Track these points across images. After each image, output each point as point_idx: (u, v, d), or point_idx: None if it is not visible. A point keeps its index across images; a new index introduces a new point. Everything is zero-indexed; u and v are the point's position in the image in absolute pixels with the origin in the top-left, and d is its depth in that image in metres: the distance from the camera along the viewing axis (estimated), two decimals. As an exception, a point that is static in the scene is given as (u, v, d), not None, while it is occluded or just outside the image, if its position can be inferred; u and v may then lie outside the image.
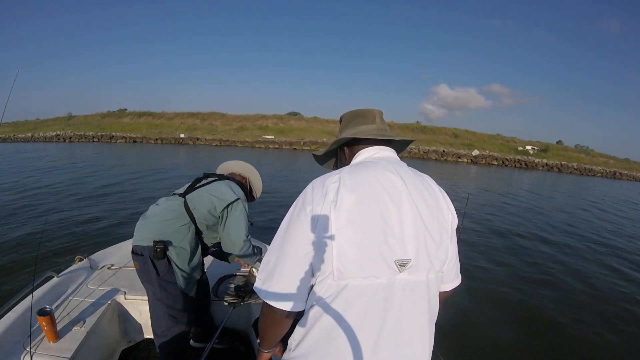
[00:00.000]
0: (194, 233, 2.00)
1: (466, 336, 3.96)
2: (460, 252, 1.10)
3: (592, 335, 4.20)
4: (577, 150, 61.20)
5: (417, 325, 0.96)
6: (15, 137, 49.89)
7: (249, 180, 2.37)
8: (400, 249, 0.91)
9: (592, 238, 8.97)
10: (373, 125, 1.19)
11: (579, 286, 5.61)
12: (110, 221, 7.39)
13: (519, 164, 46.12)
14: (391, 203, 0.93)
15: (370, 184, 0.96)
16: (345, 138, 1.17)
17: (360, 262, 0.89)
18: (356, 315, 0.91)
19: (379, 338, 0.91)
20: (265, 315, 1.03)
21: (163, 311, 1.97)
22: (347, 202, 0.91)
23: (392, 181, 0.98)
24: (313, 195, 0.95)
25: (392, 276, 0.91)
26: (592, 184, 31.46)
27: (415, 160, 39.28)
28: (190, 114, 62.51)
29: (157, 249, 1.86)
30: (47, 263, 4.84)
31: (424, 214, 0.96)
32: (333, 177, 0.98)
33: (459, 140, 55.33)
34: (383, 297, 0.91)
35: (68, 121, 60.97)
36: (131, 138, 49.08)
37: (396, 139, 1.20)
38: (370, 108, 1.24)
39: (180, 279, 1.97)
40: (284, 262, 0.95)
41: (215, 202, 1.97)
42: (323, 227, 0.90)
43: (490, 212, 11.12)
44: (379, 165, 1.03)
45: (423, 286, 0.96)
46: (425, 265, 0.95)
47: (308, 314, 0.97)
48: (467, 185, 19.72)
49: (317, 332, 0.94)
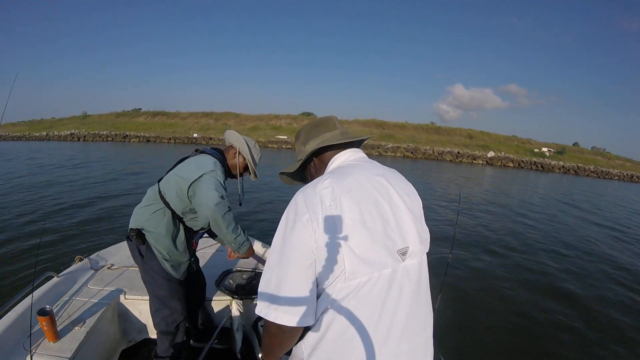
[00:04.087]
0: (170, 217, 1.99)
1: (467, 336, 3.95)
2: (460, 252, 1.12)
3: (593, 336, 4.17)
4: (593, 153, 60.11)
5: (424, 307, 1.03)
6: (30, 136, 51.22)
7: (238, 150, 2.14)
8: (400, 240, 0.97)
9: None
10: (336, 130, 1.22)
11: (582, 290, 5.51)
12: (110, 221, 7.44)
13: (535, 166, 45.35)
14: (382, 199, 0.99)
15: (361, 184, 1.00)
16: (315, 148, 1.18)
17: (369, 259, 0.92)
18: (369, 310, 0.93)
19: (392, 327, 0.94)
20: (274, 335, 0.99)
21: (150, 292, 2.09)
22: (346, 204, 0.94)
23: (377, 179, 1.04)
24: (307, 203, 0.95)
25: (397, 265, 0.96)
26: (612, 187, 30.84)
27: (430, 162, 39.06)
28: (204, 114, 63.11)
29: (132, 235, 1.98)
30: (47, 263, 4.87)
31: (408, 204, 1.04)
32: (323, 183, 0.99)
33: (474, 142, 54.78)
34: (390, 286, 0.95)
35: (83, 120, 62.19)
36: (145, 137, 49.81)
37: (359, 139, 1.24)
38: (327, 116, 1.28)
39: (165, 263, 2.01)
40: (288, 278, 0.93)
41: (180, 182, 1.93)
42: (328, 232, 0.92)
43: (493, 213, 11.00)
44: (361, 167, 1.09)
45: (419, 268, 1.03)
46: (420, 249, 1.03)
47: (321, 320, 0.95)
48: (476, 188, 19.52)
49: (333, 335, 0.93)
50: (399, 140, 50.84)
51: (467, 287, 5.16)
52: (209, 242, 3.23)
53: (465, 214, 10.38)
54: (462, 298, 4.78)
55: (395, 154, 45.29)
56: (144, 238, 1.98)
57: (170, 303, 2.07)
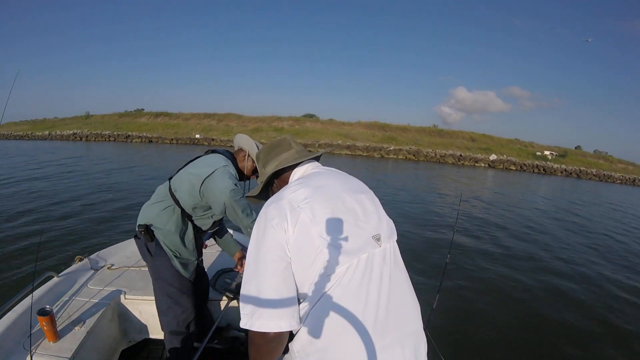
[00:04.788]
0: (179, 215, 2.00)
1: (466, 336, 3.96)
2: (462, 252, 1.13)
3: (592, 336, 4.21)
4: (596, 156, 59.80)
5: (407, 290, 1.08)
6: (32, 135, 51.34)
7: (248, 153, 2.13)
8: (370, 227, 1.05)
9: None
10: (292, 150, 1.31)
11: (582, 290, 5.56)
12: (111, 221, 7.46)
13: (537, 169, 45.22)
14: (347, 195, 1.08)
15: (325, 184, 1.10)
16: (274, 170, 1.26)
17: (345, 248, 0.97)
18: (355, 297, 0.96)
19: (379, 312, 0.96)
20: (260, 346, 0.98)
21: (160, 290, 2.06)
22: (314, 202, 1.01)
23: (337, 179, 1.15)
24: (274, 208, 1.02)
25: (374, 249, 1.02)
26: (613, 191, 30.78)
27: (432, 164, 39.01)
28: (207, 114, 63.05)
29: (140, 232, 1.96)
30: (47, 263, 4.88)
31: (370, 197, 1.15)
32: (289, 189, 1.08)
33: (476, 145, 54.61)
34: (371, 269, 0.99)
35: (85, 120, 62.13)
36: (147, 138, 49.79)
37: (315, 155, 1.32)
38: (282, 136, 1.40)
39: (174, 260, 2.01)
40: (266, 283, 0.96)
41: (192, 179, 1.95)
42: (300, 230, 0.97)
43: (494, 213, 11.00)
44: (321, 172, 1.20)
45: (394, 252, 1.10)
46: (389, 234, 1.10)
47: (309, 317, 0.97)
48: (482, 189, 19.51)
49: (322, 330, 0.94)
50: (401, 143, 50.68)
51: (466, 288, 5.20)
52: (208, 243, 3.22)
53: (465, 215, 10.42)
54: (461, 298, 4.81)
55: (397, 157, 45.19)
56: (153, 235, 1.98)
57: (181, 300, 2.06)
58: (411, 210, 10.85)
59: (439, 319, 0.98)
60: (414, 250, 6.63)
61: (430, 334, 1.70)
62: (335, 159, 34.97)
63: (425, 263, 5.99)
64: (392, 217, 1.20)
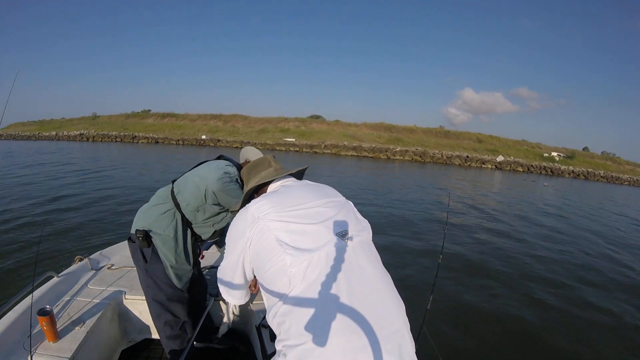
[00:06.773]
0: (179, 220, 1.98)
1: (466, 336, 3.97)
2: (462, 252, 1.11)
3: (591, 337, 4.22)
4: (603, 158, 59.38)
5: (381, 280, 1.10)
6: (39, 135, 51.99)
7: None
8: (336, 226, 1.12)
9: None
10: (270, 168, 1.46)
11: (581, 291, 5.56)
12: (111, 221, 7.48)
13: (544, 170, 45.02)
14: (310, 202, 1.19)
15: (288, 196, 1.23)
16: (254, 186, 1.41)
17: (305, 246, 1.05)
18: (322, 290, 0.99)
19: (352, 305, 0.98)
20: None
21: (151, 297, 2.04)
22: (274, 212, 1.13)
23: (302, 190, 1.27)
24: (241, 220, 1.20)
25: (338, 244, 1.07)
26: (621, 192, 30.54)
27: (438, 166, 38.91)
28: (213, 115, 63.43)
29: (138, 237, 1.91)
30: (47, 263, 4.90)
31: (334, 201, 1.24)
32: (255, 203, 1.21)
33: (483, 146, 54.43)
34: (338, 261, 1.04)
35: (92, 121, 62.76)
36: (153, 139, 50.19)
37: (290, 172, 1.47)
38: (262, 156, 1.57)
39: (169, 270, 1.98)
40: (229, 276, 1.29)
41: (198, 181, 1.94)
42: (262, 238, 1.11)
43: (493, 215, 10.95)
44: (289, 186, 1.33)
45: (365, 248, 1.15)
46: (358, 231, 1.17)
47: (282, 315, 1.02)
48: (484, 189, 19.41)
49: (297, 327, 0.97)
50: (408, 144, 50.65)
51: (468, 287, 5.21)
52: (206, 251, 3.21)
53: (465, 217, 10.40)
54: (455, 299, 4.81)
55: (404, 158, 45.14)
56: (150, 240, 1.93)
57: (171, 307, 2.04)
58: (405, 212, 10.66)
59: (432, 318, 1.00)
60: (407, 253, 6.60)
61: (426, 335, 1.69)
62: (341, 160, 34.93)
63: (418, 264, 6.00)
64: (391, 218, 1.18)
